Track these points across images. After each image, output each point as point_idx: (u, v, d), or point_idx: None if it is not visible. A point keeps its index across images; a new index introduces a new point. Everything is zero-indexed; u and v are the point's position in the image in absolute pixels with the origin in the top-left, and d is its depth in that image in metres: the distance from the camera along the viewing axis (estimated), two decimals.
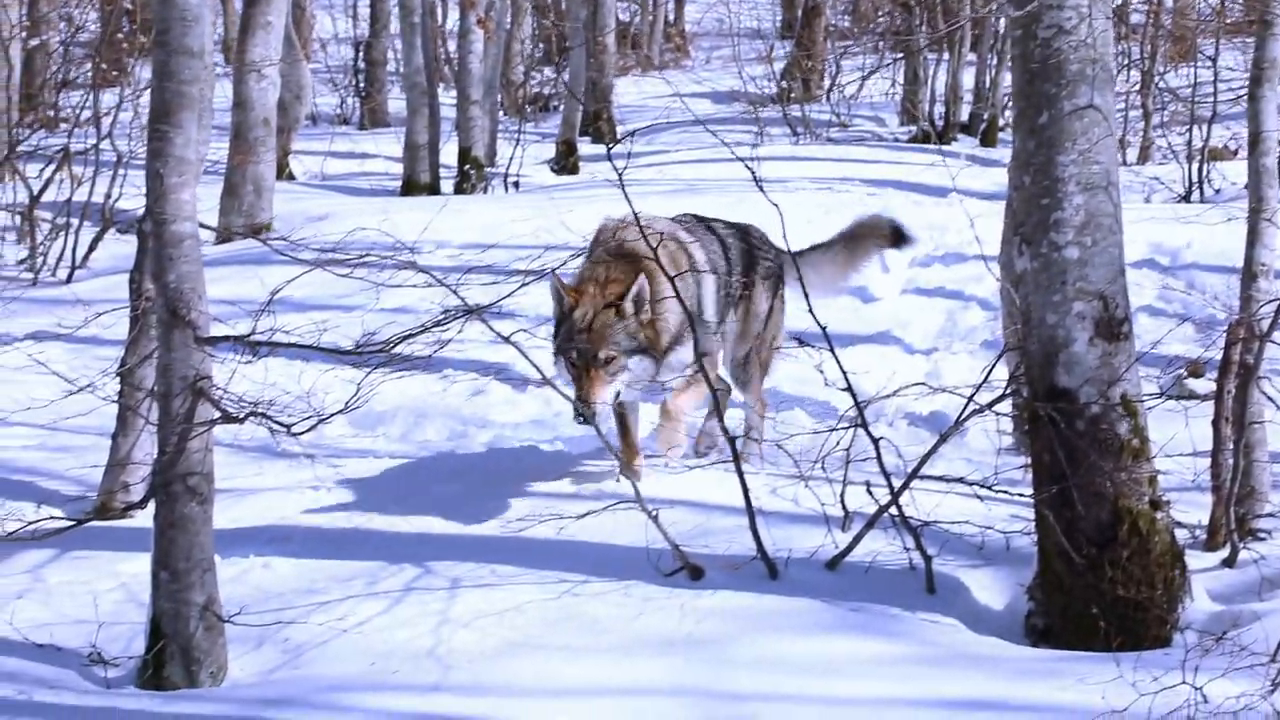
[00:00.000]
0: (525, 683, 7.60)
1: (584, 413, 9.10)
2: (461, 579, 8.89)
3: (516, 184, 24.23)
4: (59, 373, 14.25)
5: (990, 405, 8.95)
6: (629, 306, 9.30)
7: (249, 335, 8.36)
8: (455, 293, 8.38)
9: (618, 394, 9.36)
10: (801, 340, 9.64)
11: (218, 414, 8.20)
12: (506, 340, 8.60)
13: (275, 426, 8.20)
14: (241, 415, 8.18)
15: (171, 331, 8.22)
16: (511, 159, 24.58)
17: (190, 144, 8.36)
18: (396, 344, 8.13)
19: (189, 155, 8.37)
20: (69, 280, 18.57)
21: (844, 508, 9.28)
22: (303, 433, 8.21)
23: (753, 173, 9.04)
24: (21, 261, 19.29)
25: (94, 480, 11.02)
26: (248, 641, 8.58)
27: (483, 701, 7.40)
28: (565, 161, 26.12)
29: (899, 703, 7.39)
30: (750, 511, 8.90)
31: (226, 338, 8.40)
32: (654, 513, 8.79)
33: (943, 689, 7.51)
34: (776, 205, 8.99)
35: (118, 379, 10.88)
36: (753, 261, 10.59)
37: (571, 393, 9.30)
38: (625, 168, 9.16)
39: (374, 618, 8.63)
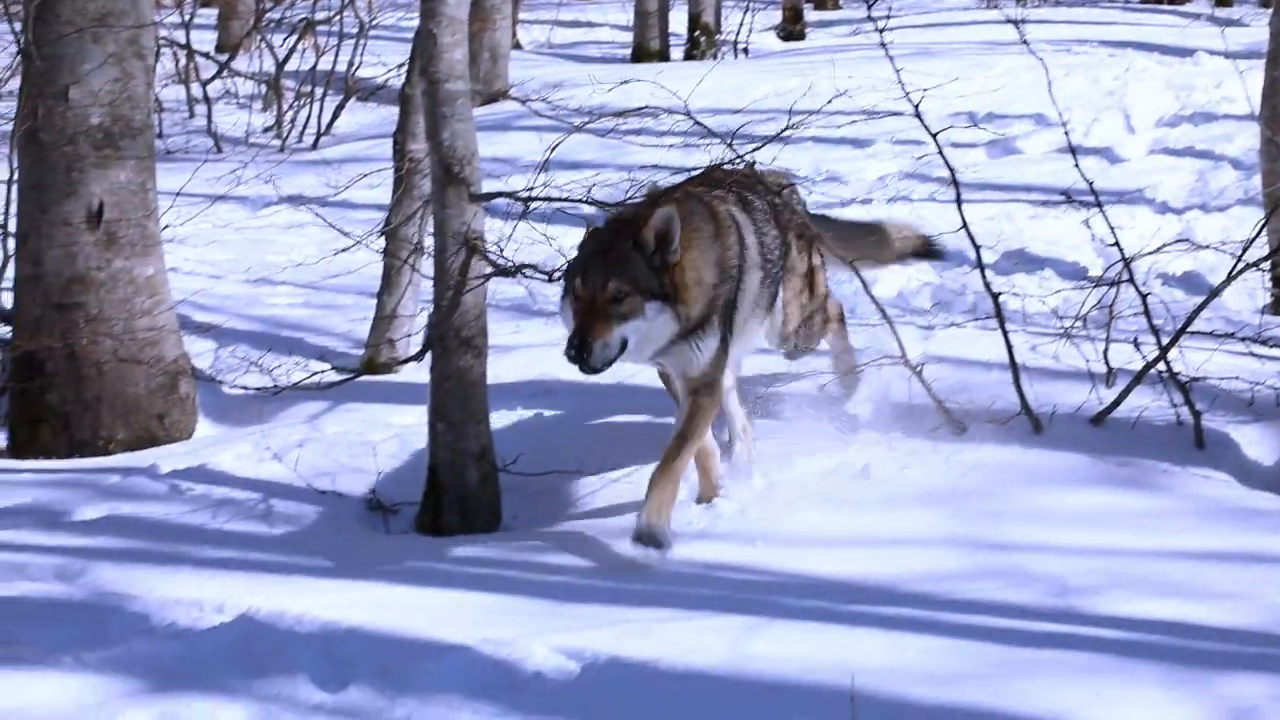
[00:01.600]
0: (800, 531, 7.69)
1: (579, 352, 7.17)
2: (761, 433, 9.00)
3: (745, 50, 24.15)
4: (320, 232, 14.69)
5: (1261, 262, 8.82)
6: (649, 237, 7.32)
7: (522, 191, 8.49)
8: (731, 145, 8.33)
9: (624, 344, 7.28)
10: (1069, 195, 9.55)
11: (491, 269, 8.35)
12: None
13: (544, 279, 8.32)
14: (513, 269, 8.32)
15: (446, 189, 8.36)
16: (740, 25, 24.49)
17: (463, 4, 8.48)
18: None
19: (460, 15, 8.48)
20: (315, 146, 18.92)
21: (1107, 364, 9.22)
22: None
23: (1020, 32, 8.95)
24: (269, 129, 19.73)
25: (359, 336, 11.31)
26: (520, 491, 8.78)
27: (758, 550, 7.50)
28: (791, 28, 25.96)
29: (1170, 555, 7.35)
30: (1014, 367, 8.87)
31: (500, 194, 8.54)
32: (918, 368, 8.81)
33: (1215, 542, 7.46)
34: (1043, 61, 8.91)
35: (381, 238, 11.14)
36: (792, 218, 8.59)
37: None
38: (884, 27, 9.15)
39: (643, 468, 8.77)
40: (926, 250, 9.79)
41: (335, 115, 19.53)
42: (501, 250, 8.41)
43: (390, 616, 6.77)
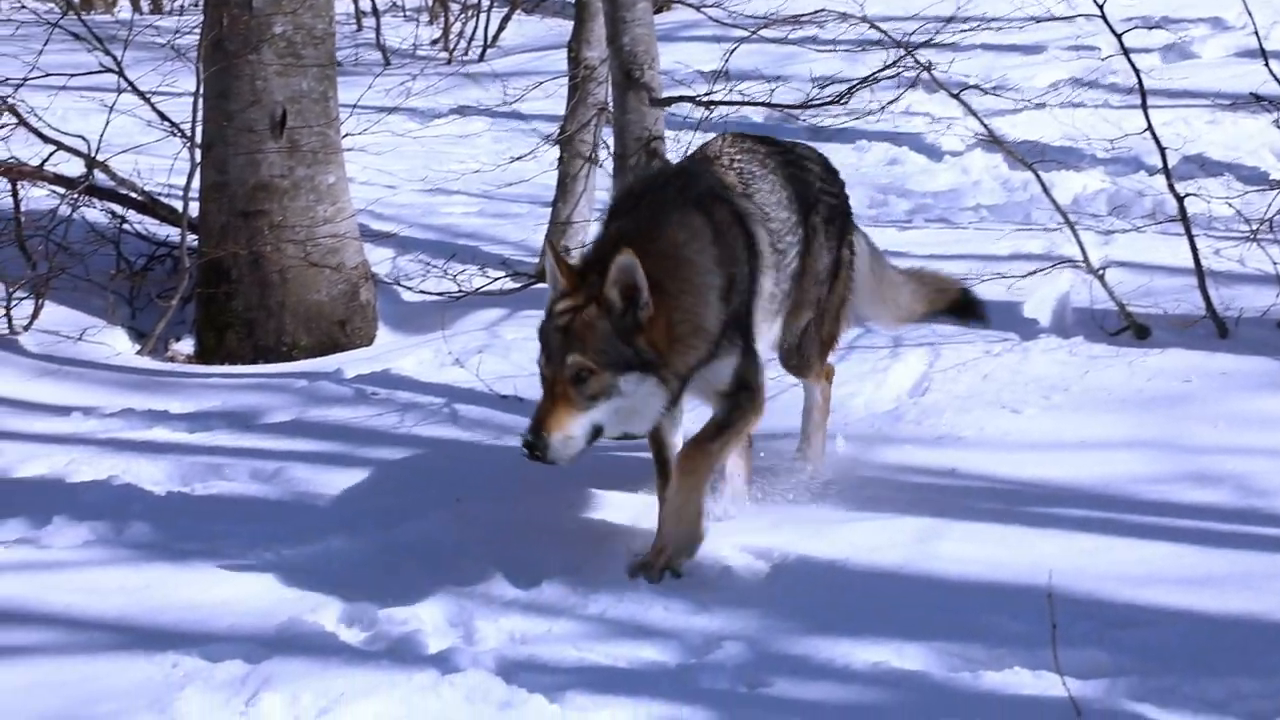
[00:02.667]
0: (981, 435, 7.68)
1: (530, 445, 5.88)
2: (903, 338, 8.98)
3: None
4: (492, 142, 14.80)
5: None
6: (613, 297, 5.90)
7: (703, 95, 8.51)
8: (906, 48, 8.28)
9: (597, 431, 5.96)
10: (1257, 96, 9.39)
11: None
12: (955, 97, 8.57)
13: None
14: None
15: (626, 93, 8.42)
16: None
17: None
18: (846, 96, 8.17)
19: None
20: (481, 58, 18.99)
21: None
22: None
23: None
24: (435, 42, 19.82)
25: (534, 245, 11.39)
26: None
27: (939, 453, 7.51)
28: None
29: None
30: (1199, 270, 8.76)
31: (681, 98, 8.58)
32: (1100, 271, 8.74)
33: None
34: None
35: (556, 146, 11.20)
36: (810, 201, 6.92)
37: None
38: None
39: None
40: (963, 306, 7.80)
41: (501, 27, 19.60)
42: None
43: (580, 518, 6.88)
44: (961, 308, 7.72)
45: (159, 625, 6.04)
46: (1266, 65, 9.07)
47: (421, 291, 10.80)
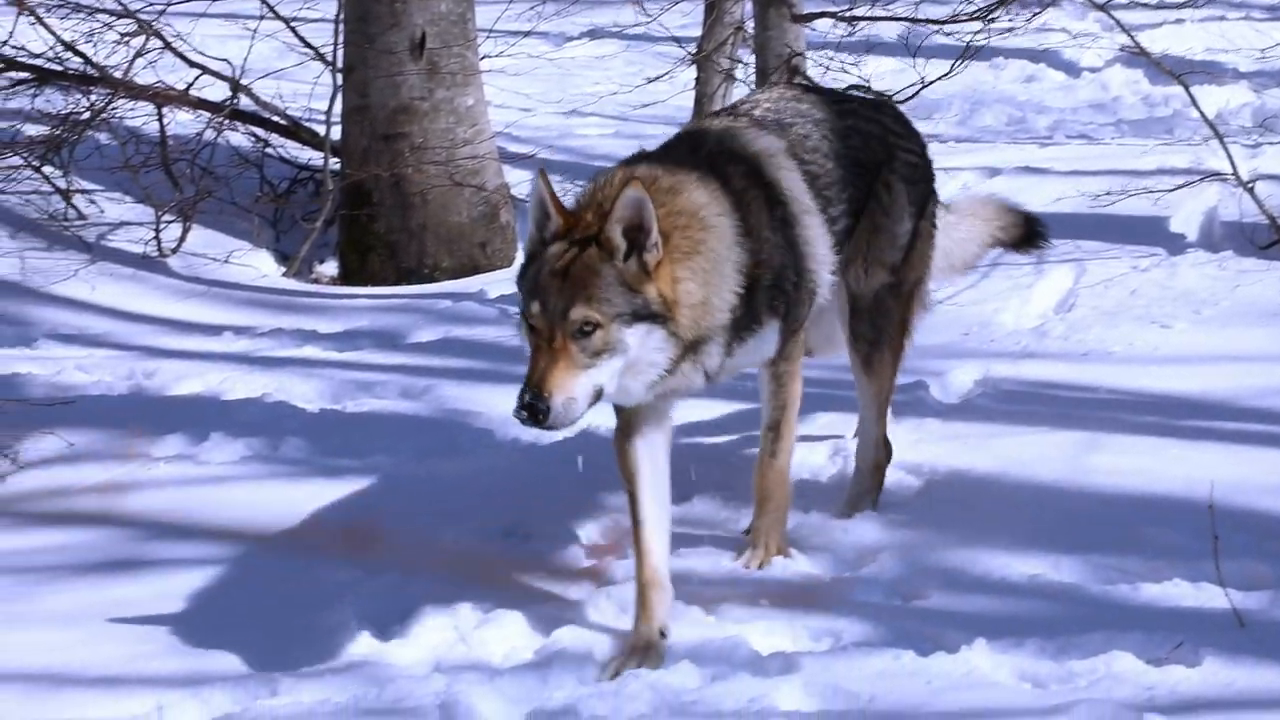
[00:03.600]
0: (1130, 350, 7.61)
1: (531, 407, 4.90)
2: (1047, 254, 8.89)
3: None
4: (625, 65, 14.78)
5: None
6: (616, 236, 5.00)
7: (845, 10, 8.46)
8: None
9: (598, 393, 5.02)
10: None
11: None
12: (1101, 8, 8.46)
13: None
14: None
15: (767, 10, 8.40)
16: None
17: None
18: (995, 10, 8.08)
19: None
20: None
21: None
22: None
23: None
24: None
25: None
26: None
27: (1088, 369, 7.45)
28: None
29: None
30: None
31: (823, 14, 8.53)
32: (1250, 184, 8.61)
33: None
34: None
35: (692, 67, 11.17)
36: (888, 155, 6.04)
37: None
38: None
39: (962, 291, 8.74)
40: (1028, 235, 6.87)
41: None
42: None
43: (732, 436, 6.90)
44: (1027, 237, 6.78)
45: (317, 539, 6.13)
46: None
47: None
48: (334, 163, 10.45)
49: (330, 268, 10.42)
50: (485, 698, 4.78)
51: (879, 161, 5.96)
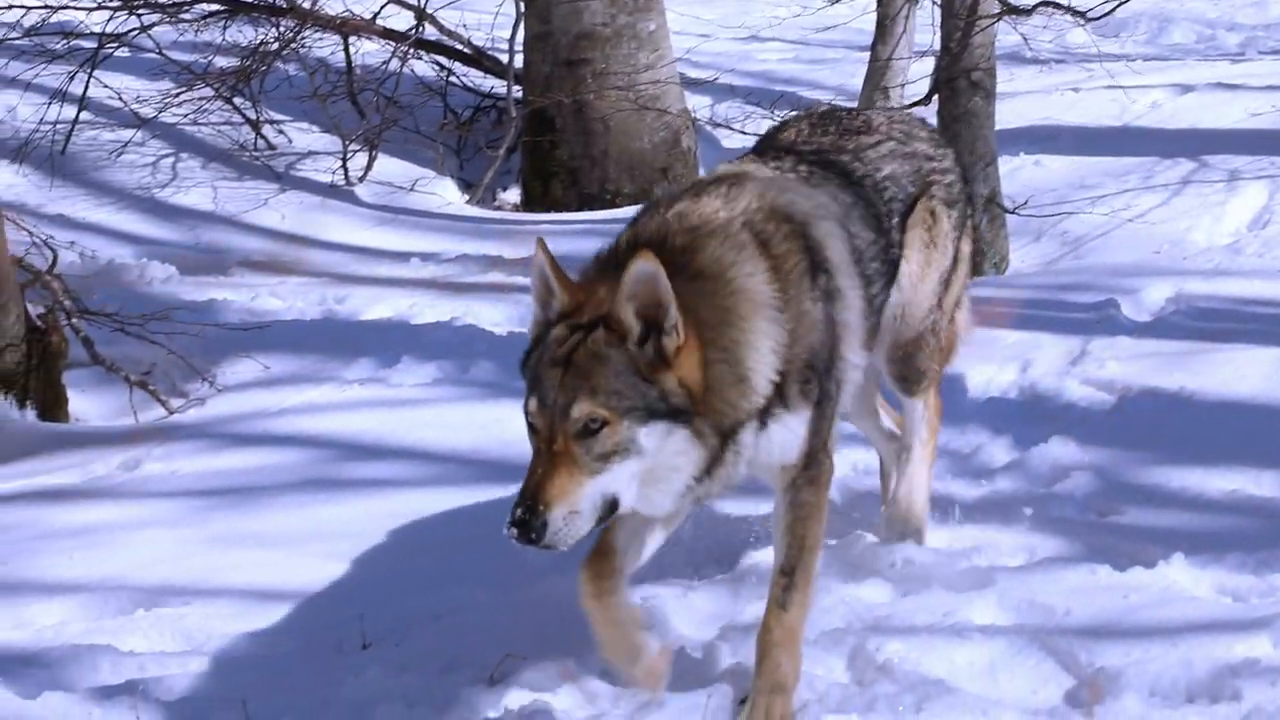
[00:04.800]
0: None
1: (524, 524, 4.03)
2: (1241, 171, 8.75)
3: None
4: None
5: None
6: (628, 317, 4.10)
7: None
8: None
9: (612, 505, 4.15)
10: None
11: (1001, 7, 8.25)
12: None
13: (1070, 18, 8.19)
14: (1028, 9, 8.20)
15: None
16: None
17: None
18: None
19: None
20: None
21: None
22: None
23: None
24: None
25: (852, 88, 11.33)
26: (1027, 235, 8.75)
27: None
28: None
29: None
30: None
31: None
32: None
33: None
34: None
35: None
36: (925, 186, 5.25)
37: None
38: None
39: (1152, 210, 8.62)
40: None
41: None
42: None
43: None
44: None
45: (507, 459, 6.19)
46: None
47: (742, 132, 10.81)
48: (516, 90, 10.50)
49: (513, 194, 10.50)
50: (679, 612, 4.82)
51: (915, 196, 5.15)
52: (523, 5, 10.42)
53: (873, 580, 4.92)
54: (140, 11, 10.71)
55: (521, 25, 10.44)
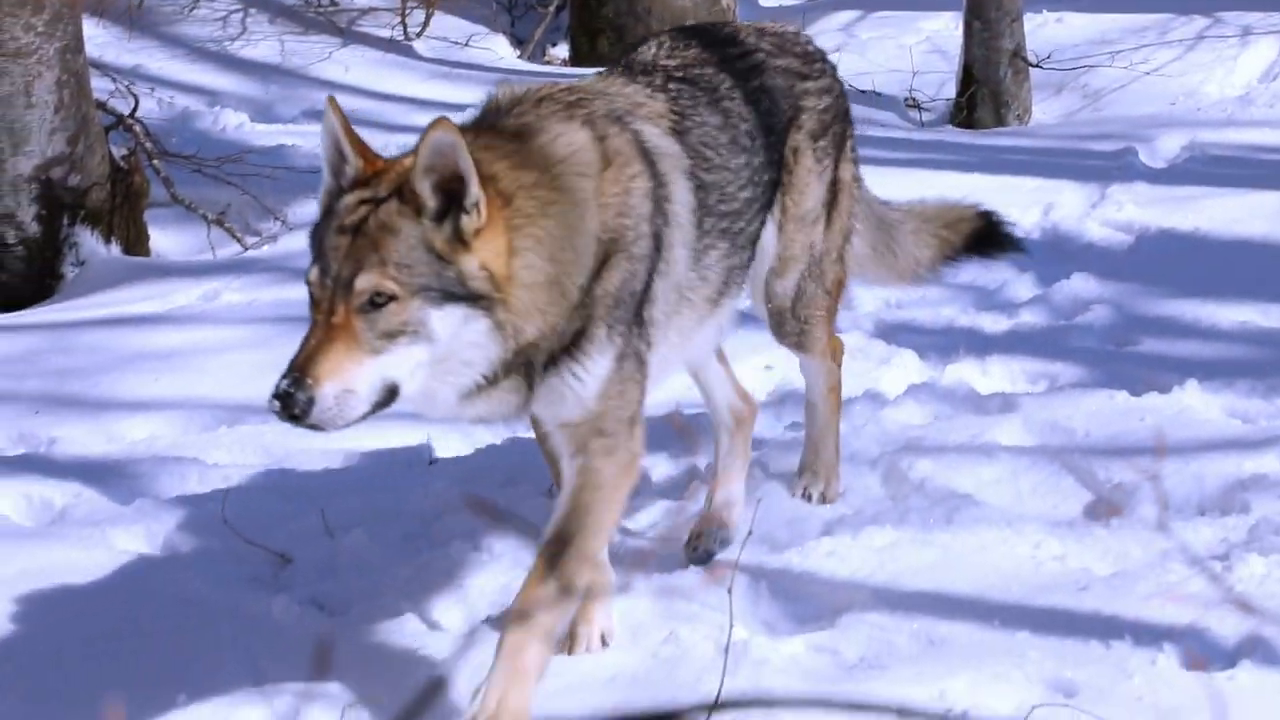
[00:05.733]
0: None
1: (287, 397, 3.38)
2: (1253, 26, 8.65)
3: None
4: None
5: None
6: (424, 190, 3.51)
7: None
8: None
9: (392, 391, 3.52)
10: None
11: None
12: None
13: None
14: None
15: None
16: None
17: None
18: None
19: None
20: None
21: None
22: None
23: None
24: None
25: None
26: (1048, 88, 8.68)
27: None
28: None
29: None
30: None
31: None
32: None
33: None
34: None
35: None
36: (794, 111, 4.43)
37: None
38: None
39: (1168, 64, 8.53)
40: (984, 235, 4.85)
41: None
42: None
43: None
44: (983, 237, 4.84)
45: None
46: None
47: None
48: None
49: (562, 50, 10.43)
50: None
51: (786, 124, 4.37)
52: None
53: (906, 404, 4.93)
54: None
55: None
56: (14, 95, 6.60)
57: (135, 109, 7.40)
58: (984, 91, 8.43)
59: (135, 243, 6.99)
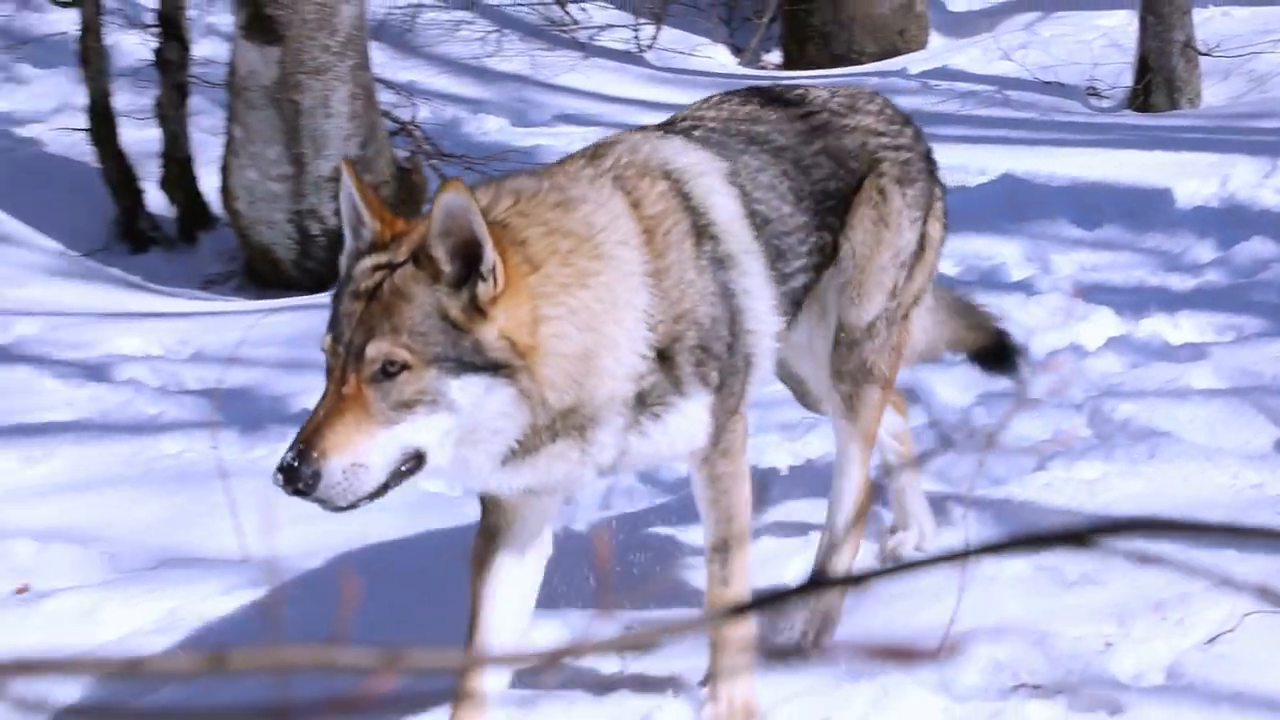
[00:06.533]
0: None
1: (290, 471, 2.88)
2: None
3: None
4: None
5: None
6: (439, 254, 2.94)
7: None
8: None
9: (417, 459, 2.97)
10: None
11: None
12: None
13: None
14: None
15: None
16: None
17: None
18: None
19: None
20: None
21: None
22: None
23: None
24: None
25: None
26: (1217, 74, 8.48)
27: None
28: None
29: None
30: None
31: None
32: None
33: None
34: None
35: None
36: (872, 163, 3.74)
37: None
38: None
39: None
40: (992, 353, 4.21)
41: None
42: None
43: (1128, 172, 6.72)
44: (990, 354, 4.22)
45: None
46: None
47: None
48: None
49: (775, 56, 10.42)
50: (945, 384, 4.84)
51: (861, 175, 3.74)
52: None
53: (1106, 354, 4.87)
54: None
55: None
56: (315, 107, 6.80)
57: (414, 117, 7.57)
58: (1158, 79, 8.26)
59: None
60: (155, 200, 7.32)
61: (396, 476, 2.95)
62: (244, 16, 6.73)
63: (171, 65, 7.22)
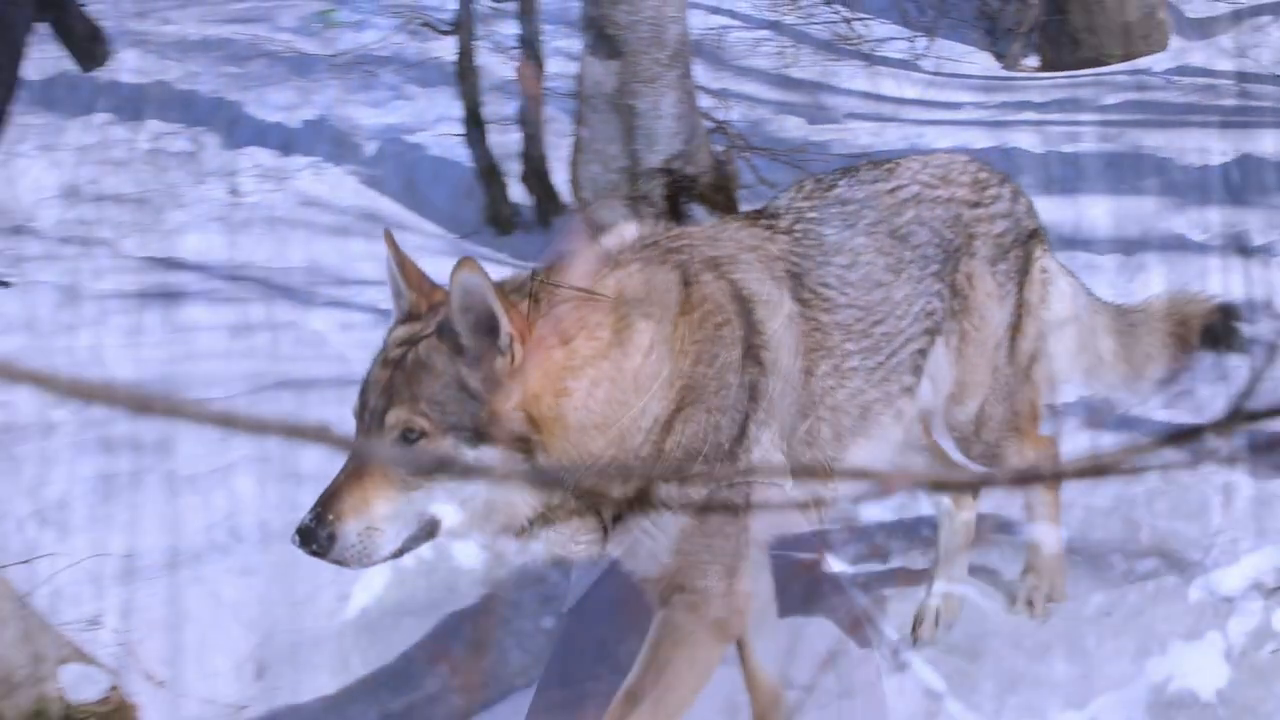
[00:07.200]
0: None
1: (307, 533, 2.79)
2: None
3: None
4: None
5: None
6: (460, 328, 2.85)
7: None
8: None
9: (430, 527, 2.84)
10: None
11: None
12: None
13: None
14: None
15: None
16: None
17: None
18: None
19: None
20: None
21: None
22: None
23: None
24: None
25: None
26: None
27: None
28: None
29: None
30: None
31: None
32: None
33: None
34: None
35: None
36: (965, 240, 3.51)
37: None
38: None
39: None
40: (1218, 327, 3.84)
41: None
42: None
43: None
44: (1212, 334, 3.80)
45: None
46: None
47: None
48: None
49: (1032, 60, 10.61)
50: None
51: (954, 252, 3.47)
52: None
53: None
54: None
55: None
56: (649, 110, 7.38)
57: (727, 117, 8.08)
58: None
59: (730, 214, 7.66)
60: (517, 192, 8.03)
61: (412, 540, 2.82)
62: (590, 37, 7.37)
63: (528, 80, 7.91)
